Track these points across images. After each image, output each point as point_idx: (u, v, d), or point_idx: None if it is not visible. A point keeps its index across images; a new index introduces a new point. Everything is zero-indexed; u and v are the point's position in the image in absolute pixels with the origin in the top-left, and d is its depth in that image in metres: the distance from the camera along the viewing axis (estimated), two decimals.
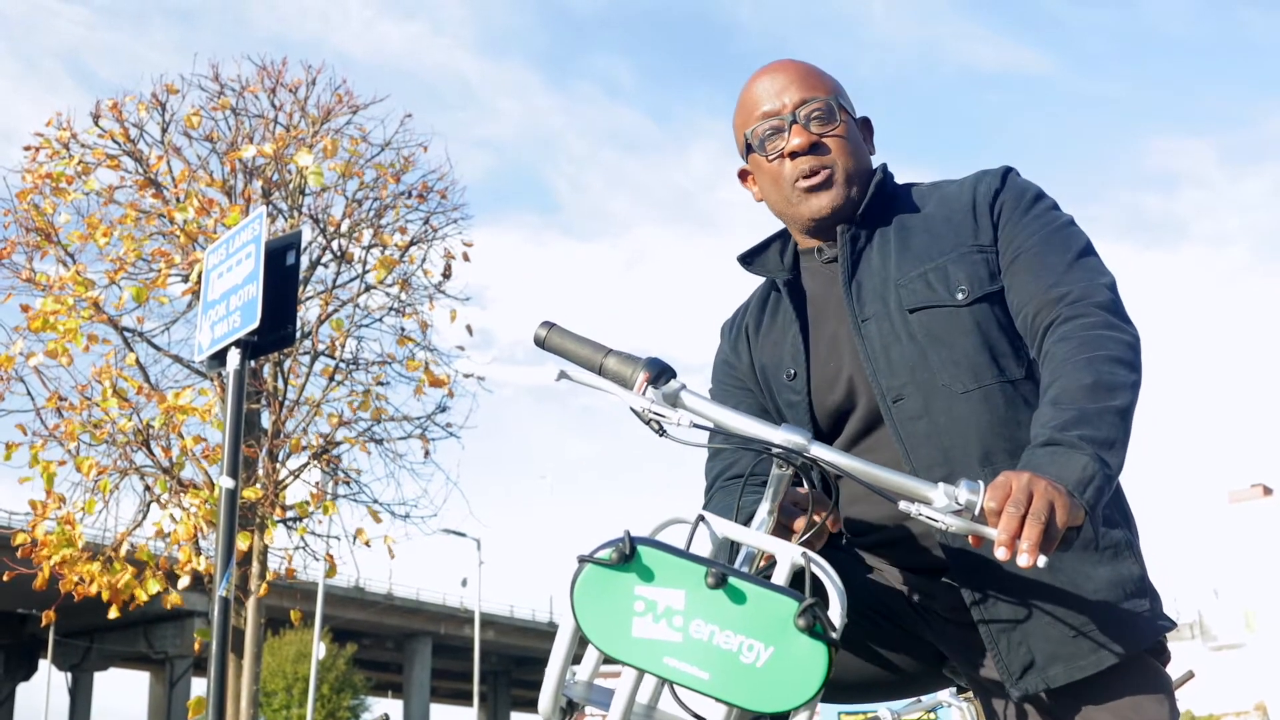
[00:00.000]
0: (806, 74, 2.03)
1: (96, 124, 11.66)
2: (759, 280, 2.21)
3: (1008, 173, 2.02)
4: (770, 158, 2.02)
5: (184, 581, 10.04)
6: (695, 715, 1.55)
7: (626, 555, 1.45)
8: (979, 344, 1.89)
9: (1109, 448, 1.63)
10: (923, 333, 1.91)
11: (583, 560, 1.47)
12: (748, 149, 2.08)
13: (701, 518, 1.57)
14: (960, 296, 1.91)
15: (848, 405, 1.98)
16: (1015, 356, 1.90)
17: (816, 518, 1.70)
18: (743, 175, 2.14)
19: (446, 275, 12.20)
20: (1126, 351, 1.74)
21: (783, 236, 2.17)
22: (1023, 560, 1.45)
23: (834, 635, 1.41)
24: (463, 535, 35.35)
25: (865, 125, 2.11)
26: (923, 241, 1.98)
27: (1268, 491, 49.38)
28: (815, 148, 1.99)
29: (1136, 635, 1.80)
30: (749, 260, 2.16)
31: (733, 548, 1.66)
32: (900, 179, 2.13)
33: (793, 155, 1.99)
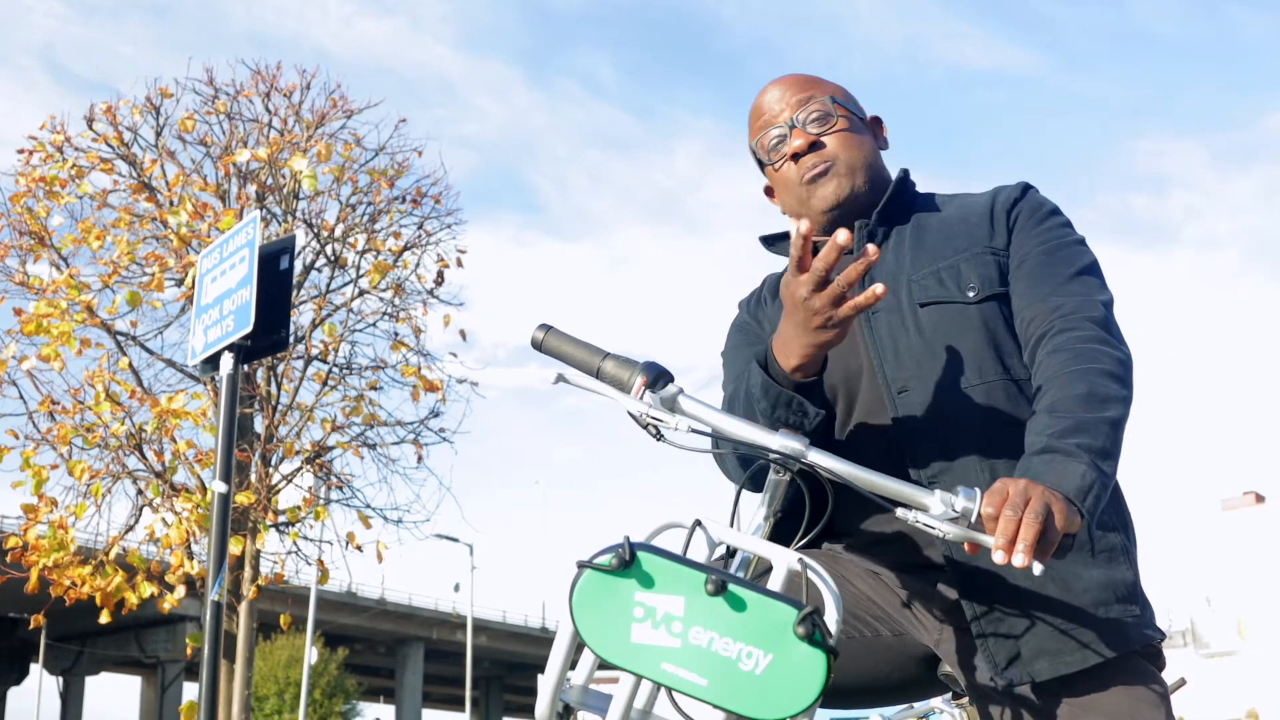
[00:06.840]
0: (802, 82, 2.11)
1: (90, 127, 11.66)
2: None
3: (1028, 187, 2.09)
4: (777, 165, 2.10)
5: (180, 592, 10.01)
6: None
7: (626, 561, 1.45)
8: (985, 341, 1.93)
9: (1105, 457, 1.65)
10: (931, 327, 1.94)
11: (582, 565, 1.46)
12: (760, 163, 2.15)
13: (698, 522, 1.57)
14: (970, 294, 1.95)
15: (848, 394, 2.00)
16: (1020, 357, 1.93)
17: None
18: (768, 191, 2.21)
19: (439, 281, 12.20)
20: (1118, 367, 1.78)
21: None
22: (1018, 560, 1.46)
23: (833, 643, 1.41)
24: (455, 540, 35.38)
25: (875, 122, 2.18)
26: (938, 240, 2.03)
27: (1260, 499, 49.33)
28: (814, 147, 2.06)
29: (1123, 638, 1.81)
30: (772, 241, 2.22)
31: (728, 551, 1.66)
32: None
33: (795, 158, 2.06)
